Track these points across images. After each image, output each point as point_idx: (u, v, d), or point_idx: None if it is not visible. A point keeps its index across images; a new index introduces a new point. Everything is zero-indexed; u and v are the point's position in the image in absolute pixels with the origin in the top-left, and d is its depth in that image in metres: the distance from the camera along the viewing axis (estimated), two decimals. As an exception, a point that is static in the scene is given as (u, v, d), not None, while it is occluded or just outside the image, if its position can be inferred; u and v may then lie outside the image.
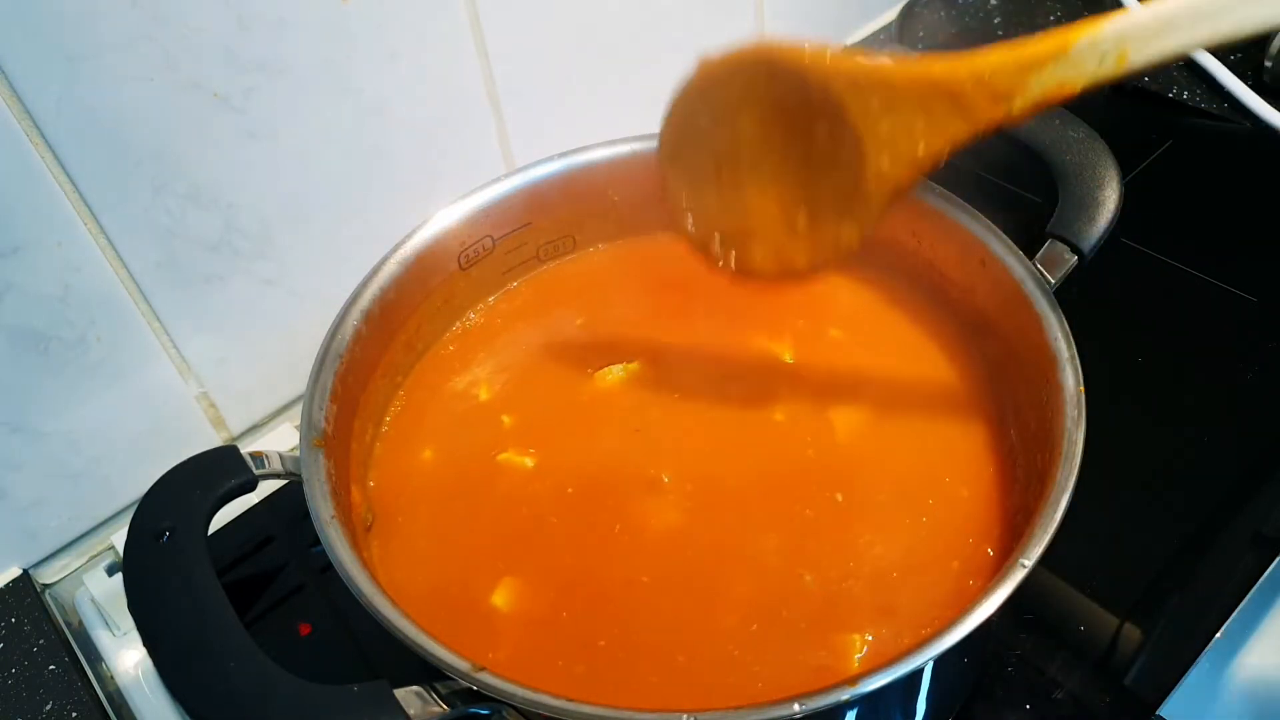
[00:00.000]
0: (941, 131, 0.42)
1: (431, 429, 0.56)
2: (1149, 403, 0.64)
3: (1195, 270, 0.71)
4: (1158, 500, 0.60)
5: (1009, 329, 0.52)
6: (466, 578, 0.49)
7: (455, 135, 0.69)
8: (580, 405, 0.56)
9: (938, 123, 0.42)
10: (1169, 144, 0.80)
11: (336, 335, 0.52)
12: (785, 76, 0.44)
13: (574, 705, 0.38)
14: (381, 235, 0.56)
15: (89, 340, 0.59)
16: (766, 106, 0.45)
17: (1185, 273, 0.71)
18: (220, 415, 0.68)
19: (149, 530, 0.44)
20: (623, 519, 0.50)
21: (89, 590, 0.63)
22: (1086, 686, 0.52)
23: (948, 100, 0.41)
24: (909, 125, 0.42)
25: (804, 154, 0.45)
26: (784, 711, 0.37)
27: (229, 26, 0.55)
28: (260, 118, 0.58)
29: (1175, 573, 0.56)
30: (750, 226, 0.48)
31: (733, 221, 0.48)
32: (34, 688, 0.57)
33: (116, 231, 0.57)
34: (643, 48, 0.77)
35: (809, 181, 0.45)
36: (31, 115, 0.51)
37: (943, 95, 0.41)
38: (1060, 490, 0.42)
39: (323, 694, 0.39)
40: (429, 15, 0.63)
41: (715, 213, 0.48)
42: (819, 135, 0.44)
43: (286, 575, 0.62)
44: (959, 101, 0.41)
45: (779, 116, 0.45)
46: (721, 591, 0.47)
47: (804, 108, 0.44)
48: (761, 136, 0.46)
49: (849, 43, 0.95)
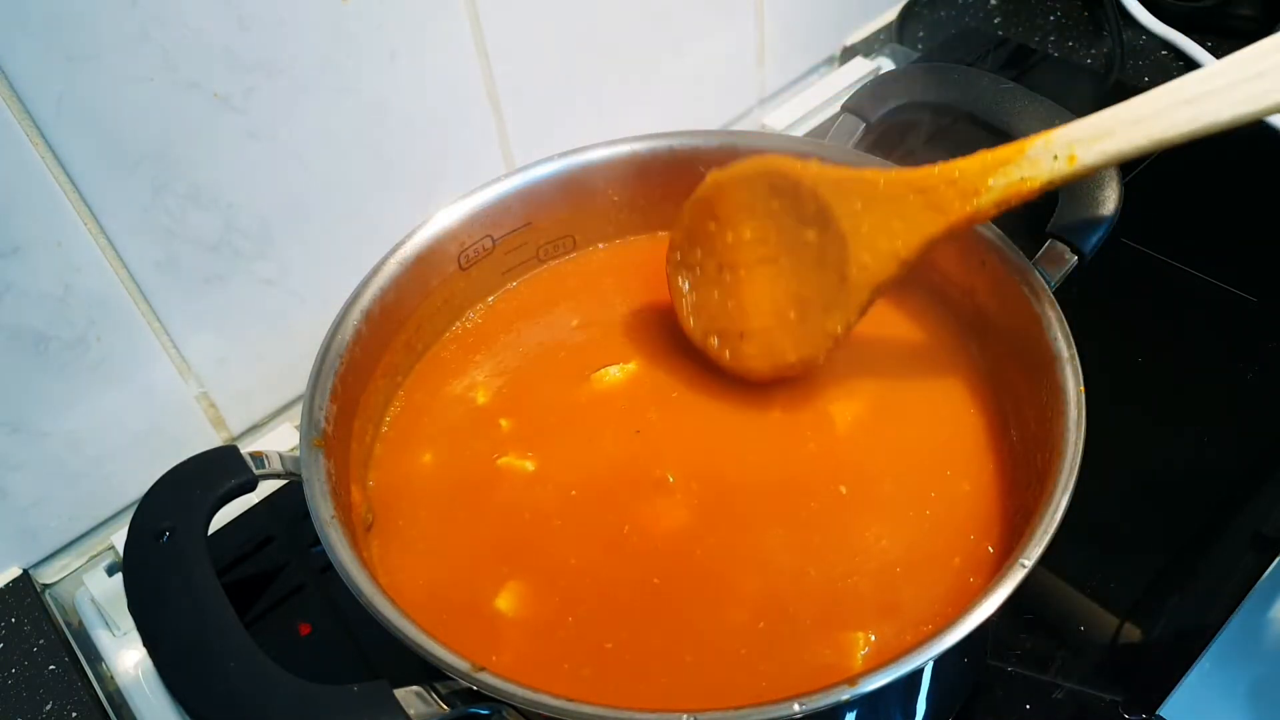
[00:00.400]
0: (918, 228, 0.48)
1: (431, 431, 0.56)
2: (1149, 403, 0.64)
3: (1195, 270, 0.71)
4: (1158, 500, 0.60)
5: (1009, 329, 0.52)
6: (469, 581, 0.49)
7: (455, 135, 0.69)
8: (580, 406, 0.56)
9: (913, 220, 0.48)
10: (1169, 144, 0.80)
11: (336, 335, 0.52)
12: (783, 186, 0.51)
13: (574, 705, 0.38)
14: (381, 235, 0.56)
15: (89, 340, 0.59)
16: (765, 216, 0.52)
17: (1185, 273, 0.71)
18: (220, 415, 0.68)
19: (149, 530, 0.44)
20: (628, 520, 0.50)
21: (89, 590, 0.63)
22: (1086, 686, 0.52)
23: (922, 198, 0.47)
24: (888, 223, 0.48)
25: (796, 256, 0.51)
26: (784, 711, 0.37)
27: (229, 26, 0.55)
28: (260, 118, 0.58)
29: (1175, 573, 0.56)
30: (747, 326, 0.53)
31: (730, 321, 0.54)
32: (34, 688, 0.57)
33: (116, 231, 0.57)
34: (643, 48, 0.77)
35: (800, 280, 0.51)
36: (31, 115, 0.51)
37: (917, 194, 0.48)
38: (1060, 490, 0.42)
39: (323, 694, 0.39)
40: (429, 15, 0.63)
41: (716, 312, 0.54)
42: (809, 239, 0.50)
43: (286, 575, 0.62)
44: (932, 199, 0.47)
45: (775, 224, 0.51)
46: (729, 589, 0.47)
47: (797, 214, 0.51)
48: (760, 241, 0.52)
49: (848, 43, 0.95)
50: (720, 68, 0.84)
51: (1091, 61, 0.90)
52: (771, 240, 0.52)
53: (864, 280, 0.49)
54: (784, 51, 0.89)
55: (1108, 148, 0.45)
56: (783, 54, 0.89)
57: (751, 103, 0.90)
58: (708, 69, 0.83)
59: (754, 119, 0.91)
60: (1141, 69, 0.88)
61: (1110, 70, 0.87)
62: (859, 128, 0.61)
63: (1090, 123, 0.45)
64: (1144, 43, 0.90)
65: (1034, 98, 0.58)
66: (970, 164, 0.47)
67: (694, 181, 0.61)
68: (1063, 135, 0.45)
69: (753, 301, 0.53)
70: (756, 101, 0.90)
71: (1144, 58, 0.89)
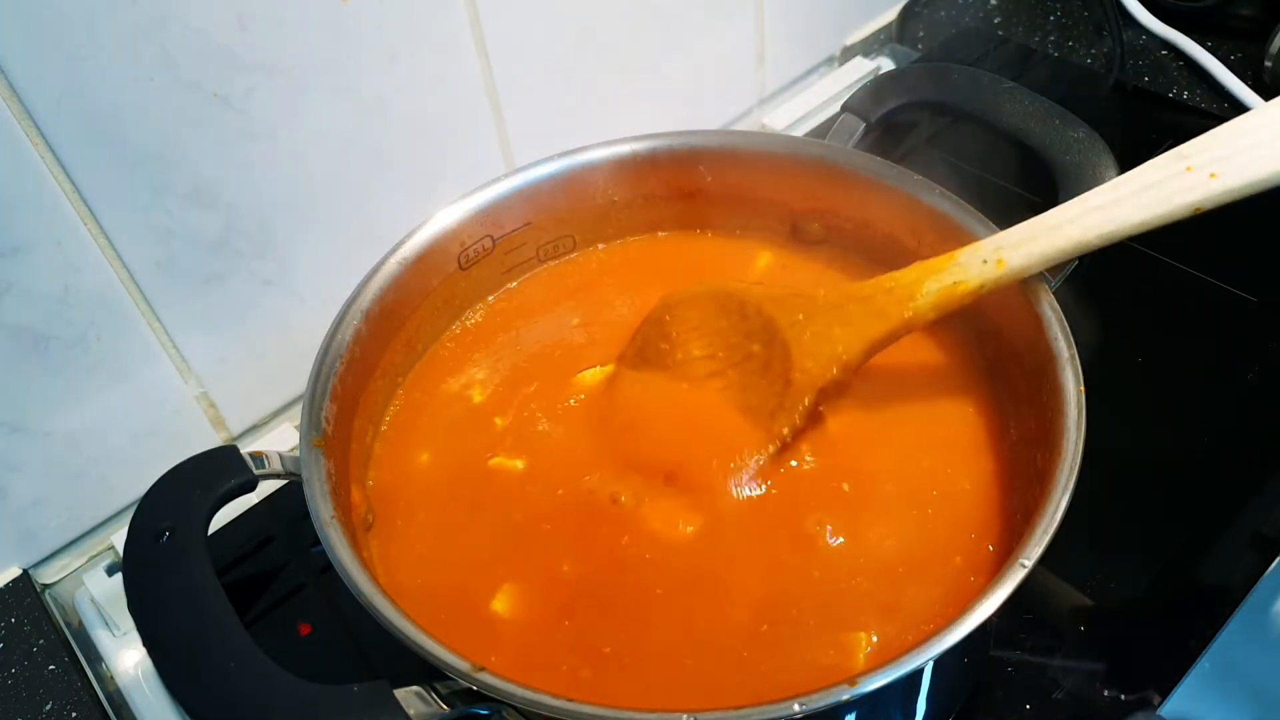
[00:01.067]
0: (858, 333, 0.50)
1: (429, 431, 0.56)
2: (1149, 403, 0.64)
3: (1195, 270, 0.71)
4: (1158, 500, 0.60)
5: (1009, 329, 0.52)
6: (466, 582, 0.49)
7: (455, 135, 0.69)
8: (574, 407, 0.56)
9: (854, 326, 0.51)
10: (1169, 144, 0.80)
11: (336, 335, 0.52)
12: (729, 305, 0.54)
13: (574, 705, 0.38)
14: (381, 235, 0.56)
15: (89, 340, 0.59)
16: (713, 334, 0.54)
17: (1185, 273, 0.71)
18: (220, 415, 0.68)
19: (149, 530, 0.44)
20: (622, 522, 0.50)
21: (89, 590, 0.63)
22: (1086, 686, 0.52)
23: (861, 306, 0.51)
24: (829, 331, 0.51)
25: (743, 369, 0.53)
26: (784, 711, 0.37)
27: (229, 26, 0.55)
28: (260, 118, 0.58)
29: (1175, 573, 0.56)
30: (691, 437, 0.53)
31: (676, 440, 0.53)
32: (34, 688, 0.57)
33: (116, 231, 0.57)
34: (643, 48, 0.77)
35: (746, 389, 0.53)
36: (31, 115, 0.51)
37: (857, 303, 0.51)
38: (1060, 490, 0.42)
39: (323, 694, 0.39)
40: (429, 15, 0.63)
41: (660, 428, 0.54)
42: (755, 351, 0.53)
43: (286, 575, 0.62)
44: (871, 306, 0.51)
45: (723, 341, 0.54)
46: (730, 592, 0.47)
47: (743, 331, 0.53)
48: (709, 358, 0.54)
49: (848, 43, 0.95)
50: (720, 68, 0.84)
51: (1091, 61, 0.90)
52: (720, 356, 0.54)
53: (806, 384, 0.51)
54: (784, 51, 0.89)
55: (1032, 250, 0.48)
56: (783, 54, 0.89)
57: (751, 103, 0.90)
58: (708, 69, 0.83)
59: (754, 119, 0.91)
60: (1141, 69, 0.88)
61: (1110, 70, 0.87)
62: (859, 128, 0.61)
63: (1015, 231, 0.50)
64: (1144, 43, 0.90)
65: (1034, 98, 0.58)
66: (906, 274, 0.50)
67: (694, 181, 0.62)
68: (991, 243, 0.50)
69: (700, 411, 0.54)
70: (756, 101, 0.90)
71: (1144, 58, 0.89)
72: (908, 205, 0.57)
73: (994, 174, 0.75)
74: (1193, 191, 0.46)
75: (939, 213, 0.56)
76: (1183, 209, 0.46)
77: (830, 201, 0.60)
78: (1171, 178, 0.47)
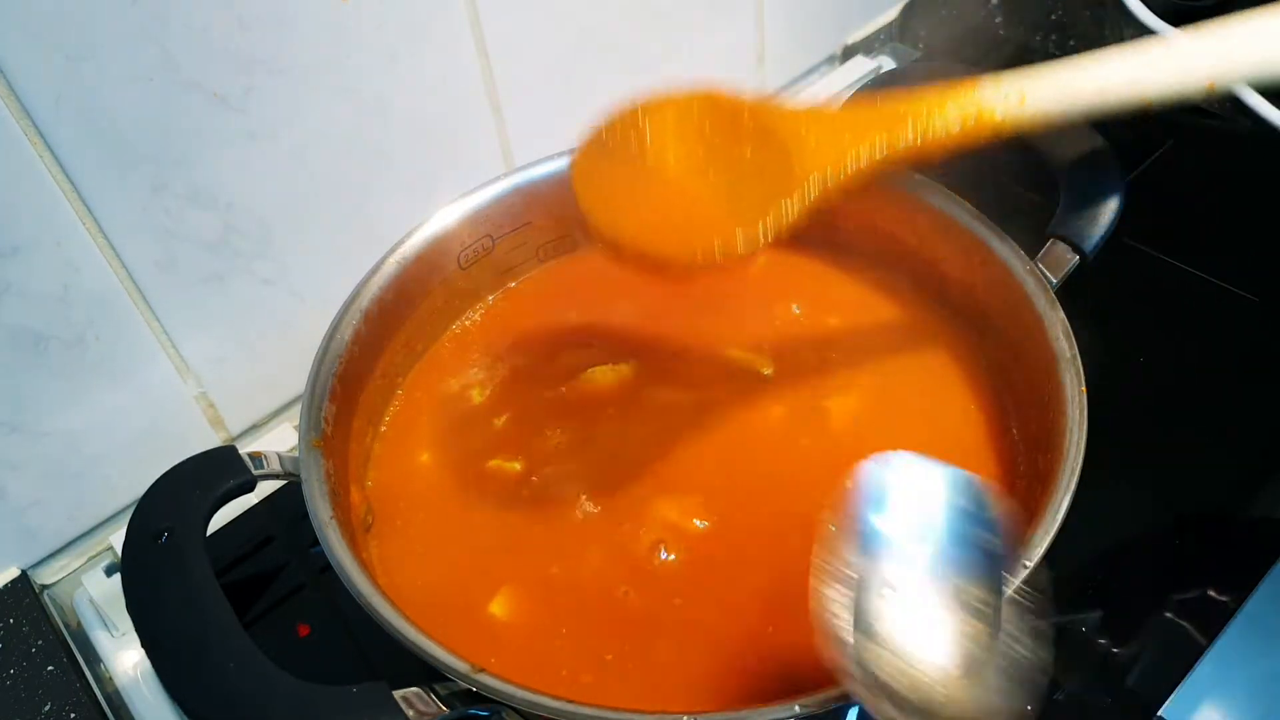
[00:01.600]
0: (870, 142, 0.46)
1: (428, 431, 0.56)
2: (1149, 403, 0.64)
3: (1196, 270, 0.71)
4: (1158, 500, 0.60)
5: (1010, 329, 0.52)
6: (465, 584, 0.49)
7: (455, 135, 0.69)
8: (573, 407, 0.56)
9: (865, 135, 0.46)
10: (1170, 143, 0.80)
11: (336, 335, 0.52)
12: (721, 107, 0.48)
13: (574, 706, 0.38)
14: (381, 235, 0.56)
15: (88, 340, 0.59)
16: (695, 139, 0.48)
17: (1186, 272, 0.71)
18: (219, 415, 0.68)
19: (148, 530, 0.44)
20: (622, 523, 0.50)
21: (88, 591, 0.63)
22: (1086, 686, 0.52)
23: (874, 115, 0.47)
24: (837, 136, 0.46)
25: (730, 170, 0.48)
26: (784, 712, 0.37)
27: (229, 26, 0.55)
28: (260, 117, 0.58)
29: (1175, 572, 0.56)
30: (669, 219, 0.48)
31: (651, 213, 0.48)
32: (32, 688, 0.57)
33: (116, 231, 0.56)
34: (643, 48, 0.77)
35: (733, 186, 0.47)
36: (30, 115, 0.51)
37: (869, 113, 0.47)
38: (1060, 490, 0.42)
39: (322, 695, 0.39)
40: (429, 15, 0.63)
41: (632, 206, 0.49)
42: (744, 154, 0.47)
43: (286, 575, 0.62)
44: (884, 116, 0.46)
45: (705, 145, 0.48)
46: (732, 594, 0.47)
47: (733, 135, 0.48)
48: (686, 157, 0.48)
49: (849, 42, 0.95)
50: (720, 67, 0.84)
51: (1092, 61, 0.90)
52: (700, 155, 0.48)
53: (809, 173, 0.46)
54: (784, 50, 0.89)
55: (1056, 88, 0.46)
56: (783, 53, 0.89)
57: (752, 102, 0.90)
58: (708, 68, 0.83)
59: (754, 119, 0.90)
60: (1142, 69, 0.88)
61: (1111, 70, 0.87)
62: (859, 127, 0.61)
63: (1038, 68, 0.47)
64: (1145, 42, 0.90)
65: (1035, 97, 0.58)
66: (927, 91, 0.47)
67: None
68: (1013, 76, 0.47)
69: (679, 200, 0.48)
70: (757, 101, 0.90)
71: (1145, 57, 0.89)
72: (909, 205, 0.57)
73: (995, 174, 0.74)
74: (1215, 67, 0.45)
75: (940, 212, 0.56)
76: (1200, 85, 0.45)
77: (830, 200, 0.60)
78: None
